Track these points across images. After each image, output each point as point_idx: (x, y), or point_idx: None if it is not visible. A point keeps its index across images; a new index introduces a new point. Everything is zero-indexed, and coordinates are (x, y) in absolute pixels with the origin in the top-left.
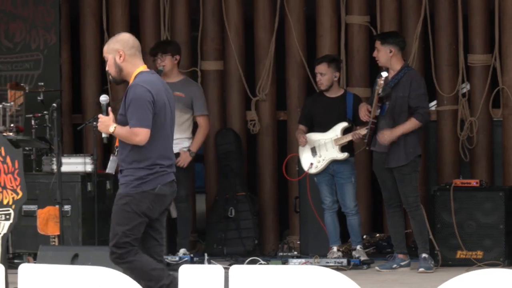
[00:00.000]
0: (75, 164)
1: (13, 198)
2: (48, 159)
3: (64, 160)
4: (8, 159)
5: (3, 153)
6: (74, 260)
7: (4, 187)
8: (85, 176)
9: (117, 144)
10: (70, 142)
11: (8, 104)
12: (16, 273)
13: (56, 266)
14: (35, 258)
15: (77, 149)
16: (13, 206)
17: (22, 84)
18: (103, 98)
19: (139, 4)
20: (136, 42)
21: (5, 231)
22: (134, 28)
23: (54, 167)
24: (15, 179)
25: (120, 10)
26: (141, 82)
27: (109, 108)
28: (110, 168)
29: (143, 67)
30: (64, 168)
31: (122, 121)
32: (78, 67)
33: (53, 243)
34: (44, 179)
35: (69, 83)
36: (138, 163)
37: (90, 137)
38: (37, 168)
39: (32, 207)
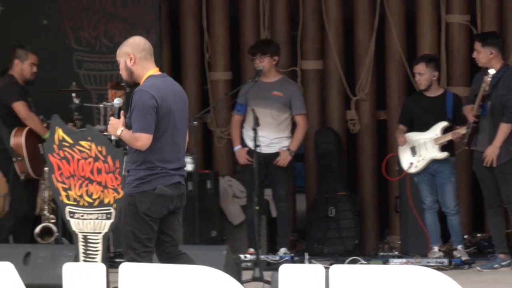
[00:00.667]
0: None
1: (114, 197)
2: None
3: None
4: (109, 159)
5: (104, 153)
6: None
7: (105, 187)
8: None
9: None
10: None
11: (109, 104)
12: (117, 272)
13: (157, 265)
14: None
15: None
16: (114, 205)
17: (122, 84)
18: (117, 101)
19: (239, 3)
20: (148, 45)
21: (106, 230)
22: (234, 28)
23: None
24: (116, 178)
25: (220, 10)
26: (146, 88)
27: (122, 112)
28: (125, 170)
29: (153, 70)
30: None
31: (129, 125)
32: (179, 67)
33: None
34: None
35: None
36: (139, 165)
37: (190, 136)
38: None
39: None
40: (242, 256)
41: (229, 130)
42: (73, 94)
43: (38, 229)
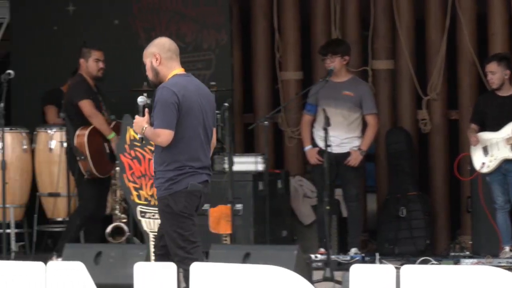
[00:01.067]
0: (247, 163)
1: None
2: (220, 158)
3: (236, 159)
4: None
5: None
6: (246, 259)
7: None
8: (256, 175)
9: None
10: (242, 142)
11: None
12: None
13: (227, 265)
14: (207, 256)
15: (248, 149)
16: None
17: None
18: (141, 100)
19: (310, 3)
20: (173, 45)
21: None
22: (305, 28)
23: (226, 166)
24: None
25: (291, 10)
26: (169, 85)
27: (146, 110)
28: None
29: (178, 70)
30: (235, 167)
31: (153, 123)
32: (250, 67)
33: (225, 241)
34: (216, 178)
35: (240, 82)
36: (167, 165)
37: (261, 136)
38: None
39: (204, 206)
40: (312, 256)
41: (300, 130)
42: (144, 94)
43: (109, 228)
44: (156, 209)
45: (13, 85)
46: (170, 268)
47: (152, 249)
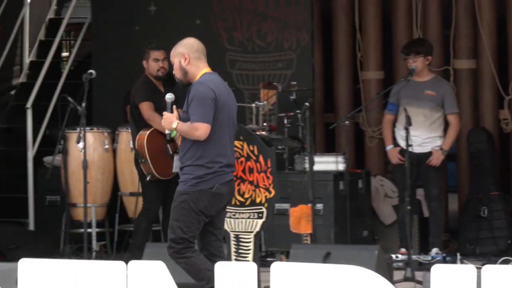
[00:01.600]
0: (327, 163)
1: (265, 196)
2: (300, 158)
3: (317, 159)
4: (260, 158)
5: (256, 152)
6: (326, 258)
7: (257, 186)
8: (337, 175)
9: (179, 143)
10: (322, 141)
11: (261, 103)
12: (269, 271)
13: (308, 265)
14: (287, 256)
15: (329, 148)
16: (266, 205)
17: (274, 84)
18: (169, 96)
19: (391, 3)
20: (201, 46)
21: (257, 229)
22: (387, 27)
23: (307, 166)
24: (268, 177)
25: (372, 9)
26: (205, 81)
27: (174, 106)
28: (176, 168)
29: (207, 69)
30: (316, 167)
31: (184, 118)
32: (331, 67)
33: (305, 241)
34: (296, 178)
35: (321, 82)
36: (197, 160)
37: (342, 136)
38: (290, 167)
39: (285, 206)
40: (393, 256)
41: (381, 129)
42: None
43: None
44: (237, 208)
45: (94, 85)
46: (250, 268)
47: (233, 249)
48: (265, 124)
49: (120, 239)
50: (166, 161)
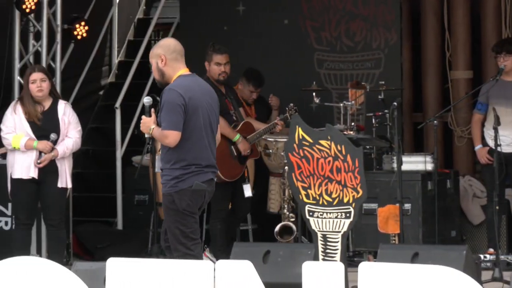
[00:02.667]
0: (416, 163)
1: (353, 196)
2: (388, 158)
3: (405, 158)
4: (348, 158)
5: (343, 152)
6: (414, 258)
7: (345, 185)
8: (425, 175)
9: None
10: (411, 141)
11: (349, 103)
12: (356, 271)
13: (396, 265)
14: (375, 256)
15: (417, 148)
16: (353, 205)
17: (363, 83)
18: (147, 100)
19: (480, 2)
20: (179, 46)
21: (345, 229)
22: (476, 27)
23: (395, 165)
24: (355, 177)
25: (461, 8)
26: (175, 86)
27: (152, 110)
28: (157, 168)
29: (183, 71)
30: (404, 167)
31: (160, 123)
32: (419, 66)
33: (393, 241)
34: (384, 178)
35: (410, 81)
36: (173, 164)
37: (430, 135)
38: (378, 167)
39: (373, 206)
40: (481, 256)
41: (470, 129)
42: (314, 94)
43: (277, 227)
44: (324, 208)
45: None
46: (337, 268)
47: (320, 249)
48: (353, 123)
49: (207, 239)
50: (231, 163)
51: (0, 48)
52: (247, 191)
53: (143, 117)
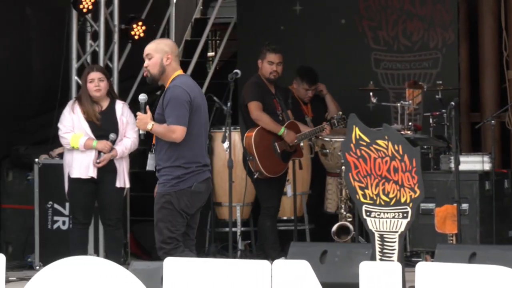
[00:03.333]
0: (473, 163)
1: (410, 196)
2: (446, 158)
3: (462, 158)
4: (405, 157)
5: (400, 151)
6: (472, 259)
7: (402, 185)
8: (483, 175)
9: (153, 142)
10: (468, 141)
11: (406, 103)
12: (414, 271)
13: (453, 265)
14: (432, 256)
15: (475, 148)
16: (411, 205)
17: (420, 83)
18: (142, 97)
19: None
20: (178, 49)
21: (402, 229)
22: None
23: (452, 165)
24: (413, 177)
25: None
26: (179, 84)
27: (147, 107)
28: (149, 166)
29: (180, 71)
30: (462, 167)
31: (159, 120)
32: (476, 66)
33: (451, 241)
34: (441, 178)
35: (467, 81)
36: (174, 162)
37: (488, 135)
38: (435, 167)
39: (430, 206)
40: None
41: None
42: (371, 93)
43: (335, 227)
44: (381, 208)
45: (240, 85)
46: (395, 268)
47: (377, 249)
48: (410, 123)
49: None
50: (274, 159)
51: (57, 48)
52: (289, 190)
53: (139, 113)
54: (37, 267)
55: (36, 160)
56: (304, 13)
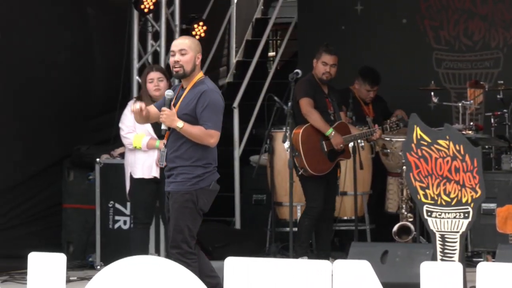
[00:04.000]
0: None
1: (471, 196)
2: (507, 158)
3: None
4: (467, 157)
5: (462, 151)
6: None
7: (463, 185)
8: None
9: (165, 139)
10: None
11: (468, 103)
12: (475, 272)
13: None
14: (493, 256)
15: None
16: (472, 205)
17: (481, 83)
18: (169, 93)
19: None
20: None
21: (463, 229)
22: None
23: None
24: (474, 177)
25: None
26: (214, 88)
27: (172, 104)
28: (162, 162)
29: (202, 73)
30: None
31: (186, 120)
32: None
33: (511, 241)
34: (503, 178)
35: None
36: (196, 161)
37: None
38: (496, 167)
39: (491, 206)
40: None
41: None
42: (432, 93)
43: (396, 227)
44: (443, 208)
45: None
46: (456, 268)
47: (438, 249)
48: (471, 123)
49: None
50: (320, 157)
51: (118, 48)
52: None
53: (165, 109)
54: (98, 267)
55: (98, 159)
56: (365, 12)
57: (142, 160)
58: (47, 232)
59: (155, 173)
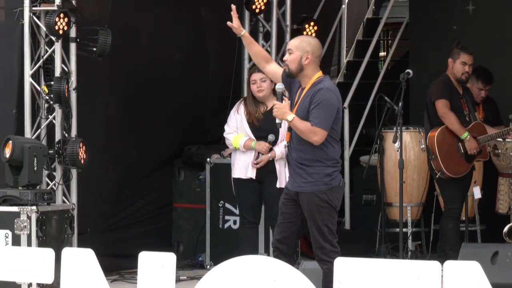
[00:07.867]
0: None
1: None
2: None
3: None
4: None
5: None
6: None
7: None
8: None
9: (287, 139)
10: None
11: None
12: None
13: None
14: None
15: None
16: None
17: None
18: (279, 86)
19: None
20: (321, 50)
21: None
22: None
23: None
24: None
25: None
26: (330, 87)
27: (284, 97)
28: (279, 154)
29: (321, 73)
30: None
31: (304, 118)
32: None
33: None
34: None
35: None
36: (325, 161)
37: None
38: None
39: None
40: None
41: None
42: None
43: (506, 228)
44: None
45: (411, 85)
46: None
47: None
48: None
49: (435, 239)
50: (457, 159)
51: (231, 48)
52: (476, 192)
53: (277, 102)
54: (208, 266)
55: (208, 159)
56: (477, 13)
57: (241, 160)
58: (158, 231)
59: (250, 173)
